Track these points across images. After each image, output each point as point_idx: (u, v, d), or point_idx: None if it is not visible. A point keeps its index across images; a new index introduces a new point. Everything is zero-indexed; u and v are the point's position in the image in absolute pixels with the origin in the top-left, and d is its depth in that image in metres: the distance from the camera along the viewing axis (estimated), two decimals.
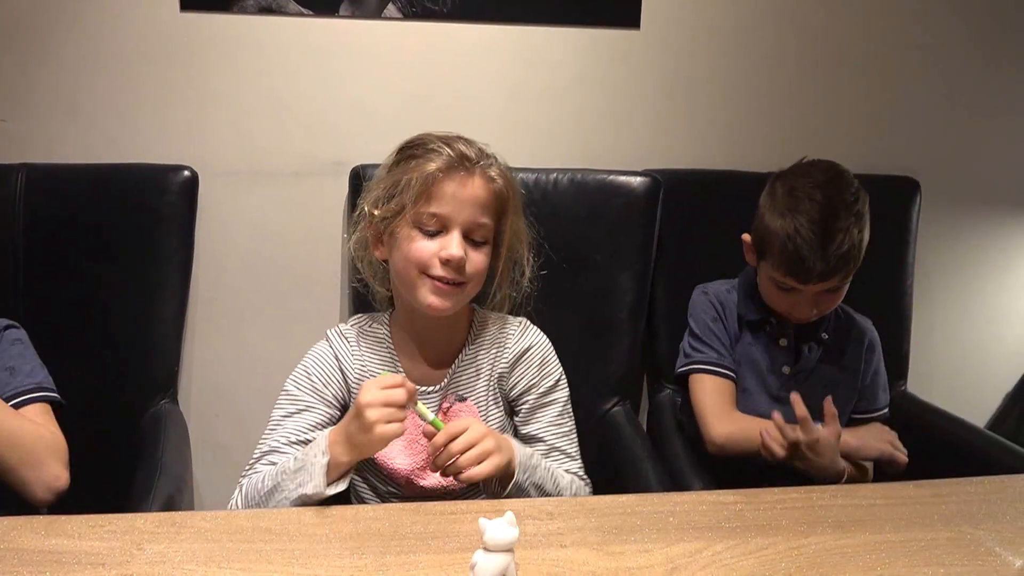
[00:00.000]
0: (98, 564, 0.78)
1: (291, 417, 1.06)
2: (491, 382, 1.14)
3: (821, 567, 0.82)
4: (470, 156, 1.06)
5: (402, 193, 1.05)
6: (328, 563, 0.80)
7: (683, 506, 0.94)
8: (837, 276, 1.25)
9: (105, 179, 1.49)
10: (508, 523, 0.76)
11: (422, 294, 1.06)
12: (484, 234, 1.08)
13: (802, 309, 1.29)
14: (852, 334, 1.40)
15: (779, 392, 1.36)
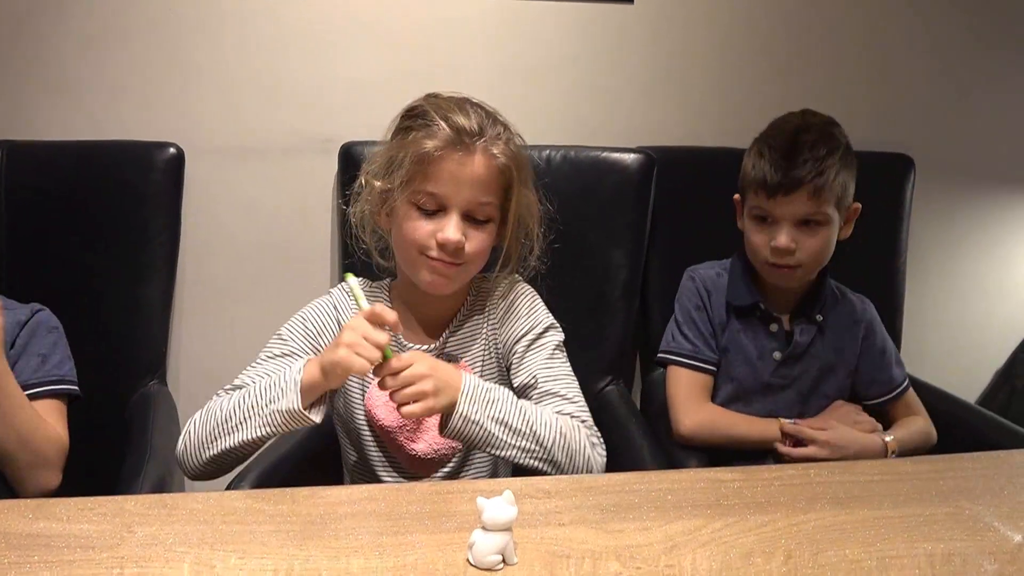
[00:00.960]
0: (88, 547, 0.77)
1: (274, 359, 1.05)
2: (487, 344, 1.12)
3: (820, 543, 0.81)
4: (471, 131, 1.01)
5: (399, 169, 1.02)
6: (323, 544, 0.79)
7: (681, 484, 0.94)
8: (805, 190, 1.22)
9: (88, 157, 1.47)
10: (507, 502, 0.75)
11: (421, 274, 1.05)
12: (488, 212, 1.04)
13: (780, 239, 1.25)
14: (848, 315, 1.38)
15: (770, 379, 1.35)
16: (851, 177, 1.27)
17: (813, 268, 1.30)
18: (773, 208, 1.26)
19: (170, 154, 1.47)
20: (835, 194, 1.24)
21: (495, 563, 0.75)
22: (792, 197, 1.24)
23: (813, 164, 1.22)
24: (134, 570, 0.74)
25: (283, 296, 1.61)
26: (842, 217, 1.29)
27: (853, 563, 0.78)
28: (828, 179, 1.22)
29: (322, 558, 0.76)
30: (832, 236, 1.28)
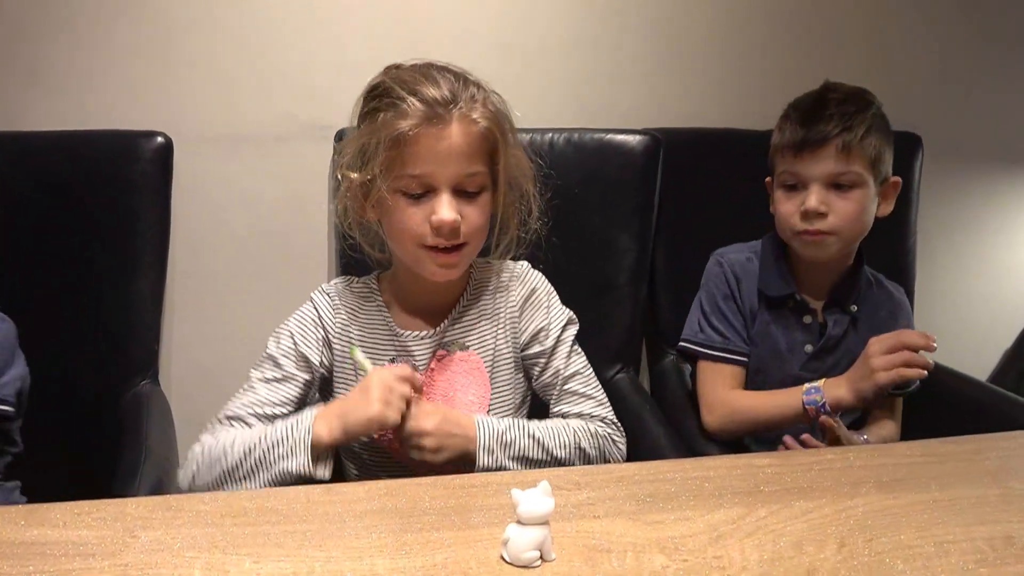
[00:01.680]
0: (87, 555, 0.71)
1: (268, 384, 1.01)
2: (498, 329, 1.07)
3: (872, 529, 0.77)
4: (443, 100, 0.94)
5: (374, 157, 0.95)
6: (344, 544, 0.73)
7: (717, 471, 0.89)
8: (833, 145, 1.17)
9: (71, 148, 1.40)
10: (544, 493, 0.70)
11: (424, 267, 1.00)
12: (478, 182, 0.98)
13: (809, 200, 1.18)
14: (884, 304, 1.32)
15: (800, 372, 1.28)
16: (886, 144, 1.22)
17: (848, 238, 1.23)
18: (801, 169, 1.20)
19: (158, 144, 1.40)
20: (867, 155, 1.18)
21: (532, 560, 0.70)
22: (819, 154, 1.18)
23: (840, 119, 1.17)
24: None
25: (280, 290, 1.54)
26: (878, 186, 1.22)
27: (910, 549, 0.73)
28: (857, 135, 1.17)
29: (344, 559, 0.71)
30: (867, 203, 1.21)
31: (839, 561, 0.71)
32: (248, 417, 0.98)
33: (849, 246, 1.25)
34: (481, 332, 1.06)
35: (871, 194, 1.21)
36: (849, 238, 1.23)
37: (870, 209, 1.22)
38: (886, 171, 1.23)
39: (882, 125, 1.22)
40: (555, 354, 1.07)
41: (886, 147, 1.22)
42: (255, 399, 0.99)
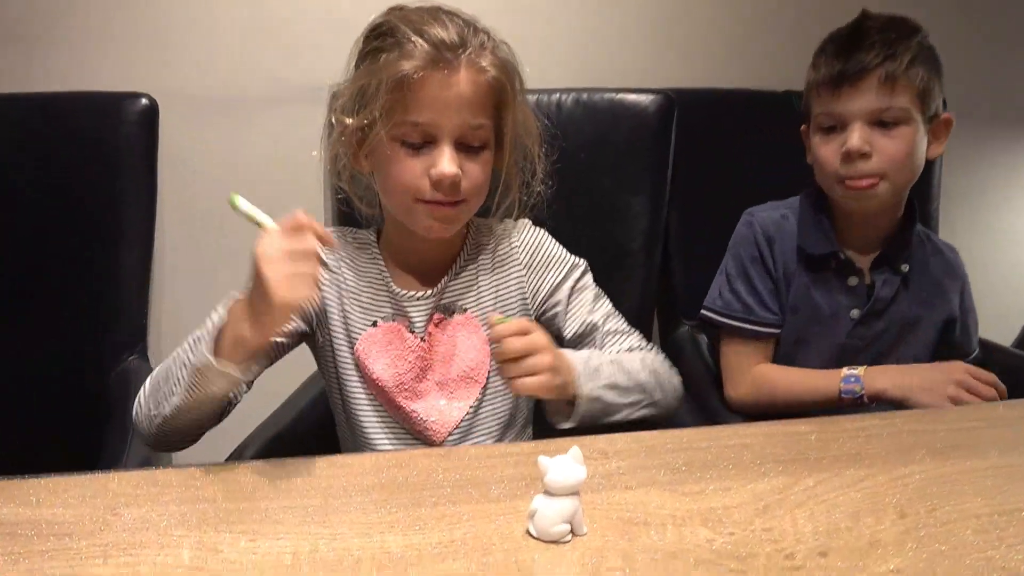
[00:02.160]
0: (63, 535, 0.63)
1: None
2: (499, 289, 0.99)
3: (934, 498, 0.70)
4: (451, 43, 0.87)
5: (373, 100, 0.87)
6: (351, 519, 0.66)
7: (755, 438, 0.82)
8: (875, 76, 1.04)
9: (50, 110, 1.33)
10: (574, 460, 0.63)
11: (418, 221, 0.92)
12: (482, 136, 0.91)
13: (851, 140, 1.06)
14: (938, 265, 1.19)
15: (845, 340, 1.15)
16: (935, 76, 1.08)
17: (898, 182, 1.09)
18: (840, 106, 1.08)
19: (142, 106, 1.33)
20: (914, 87, 1.05)
21: (562, 533, 0.62)
22: (860, 87, 1.05)
23: (882, 47, 1.05)
24: (122, 559, 0.60)
25: None
26: (927, 125, 1.09)
27: (978, 519, 0.66)
28: (901, 64, 1.04)
29: (351, 536, 0.63)
30: (917, 142, 1.07)
31: (902, 532, 0.64)
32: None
33: (899, 193, 1.12)
34: (479, 292, 0.99)
35: (920, 132, 1.08)
36: (898, 183, 1.09)
37: (920, 149, 1.08)
38: (936, 107, 1.09)
39: (930, 55, 1.09)
40: (578, 305, 1.00)
41: (935, 79, 1.08)
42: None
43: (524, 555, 0.61)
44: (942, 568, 0.60)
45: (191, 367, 0.77)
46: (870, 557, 0.61)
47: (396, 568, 0.59)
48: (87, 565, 0.59)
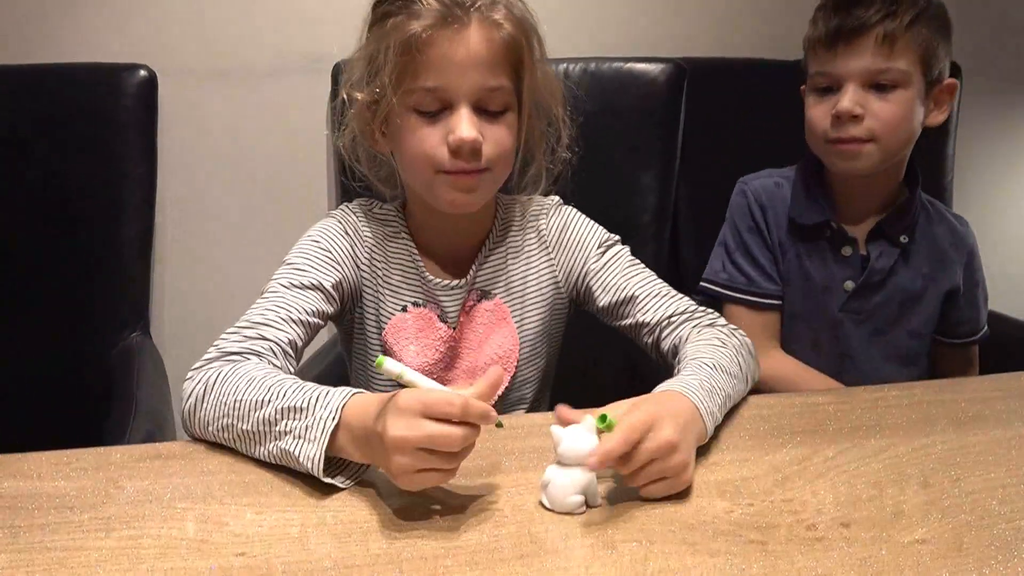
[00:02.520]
0: (65, 507, 0.62)
1: (292, 290, 0.83)
2: (528, 272, 0.95)
3: (958, 468, 0.68)
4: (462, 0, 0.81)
5: (382, 68, 0.82)
6: (359, 491, 0.64)
7: (772, 409, 0.80)
8: (872, 35, 0.99)
9: (49, 82, 1.31)
10: (588, 430, 0.61)
11: (440, 194, 0.86)
12: (502, 99, 0.84)
13: (842, 101, 1.00)
14: (944, 236, 1.13)
15: (838, 314, 1.10)
16: (940, 38, 1.02)
17: (889, 147, 1.03)
18: (835, 65, 1.02)
19: (141, 77, 1.30)
20: (915, 48, 1.00)
21: (576, 505, 0.61)
22: (856, 45, 1.00)
23: (884, 3, 0.99)
24: (125, 532, 0.59)
25: (275, 234, 1.44)
26: (929, 90, 1.03)
27: (1004, 488, 0.65)
28: (902, 23, 0.98)
29: (359, 509, 0.62)
30: (912, 107, 1.01)
31: (927, 502, 0.63)
32: (279, 323, 0.80)
33: (890, 159, 1.05)
34: (509, 277, 0.94)
35: (917, 96, 1.02)
36: (890, 148, 1.03)
37: (916, 115, 1.03)
38: (939, 71, 1.03)
39: (937, 14, 1.03)
40: (612, 275, 0.93)
41: (940, 41, 1.02)
42: (283, 304, 0.82)
43: (537, 527, 0.59)
44: (969, 538, 0.58)
45: (290, 454, 0.65)
46: (894, 528, 0.59)
47: (407, 540, 0.58)
48: (89, 538, 0.58)
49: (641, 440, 0.62)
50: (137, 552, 0.56)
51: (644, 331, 0.91)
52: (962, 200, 1.64)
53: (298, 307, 0.82)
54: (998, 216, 1.75)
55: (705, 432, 0.70)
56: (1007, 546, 0.57)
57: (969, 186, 1.69)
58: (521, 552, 0.56)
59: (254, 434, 0.68)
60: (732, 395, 0.77)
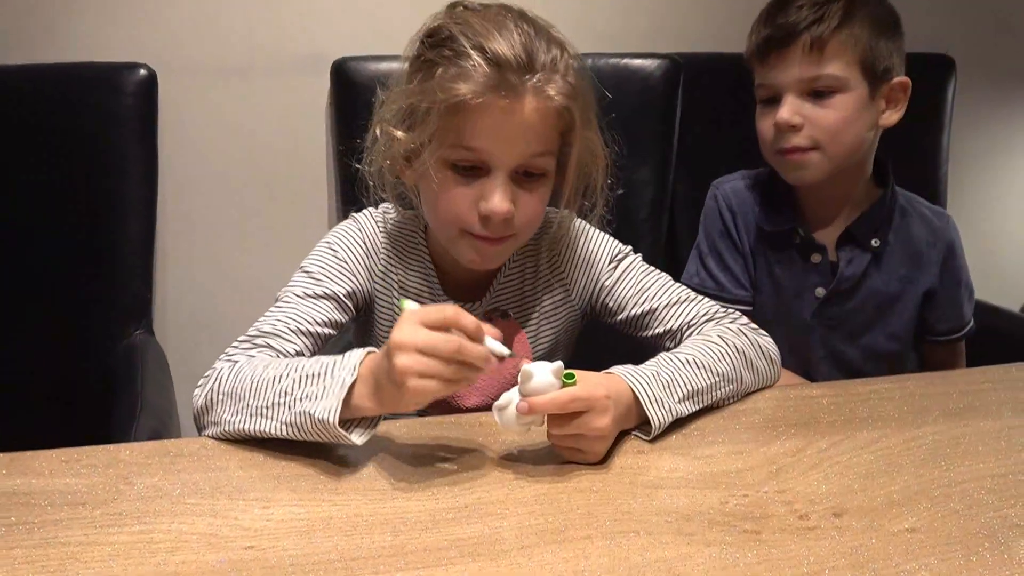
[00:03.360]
0: (76, 504, 0.63)
1: (306, 300, 0.84)
2: (539, 290, 0.94)
3: (949, 457, 0.70)
4: (517, 64, 0.76)
5: (424, 122, 0.78)
6: (365, 486, 0.66)
7: (767, 402, 0.82)
8: (801, 42, 0.98)
9: (49, 81, 1.31)
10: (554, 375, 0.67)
11: (462, 252, 0.85)
12: (543, 165, 0.81)
13: (780, 111, 1.00)
14: (920, 235, 1.10)
15: (812, 321, 1.09)
16: (881, 37, 0.99)
17: (836, 153, 1.01)
18: (770, 76, 1.01)
19: (141, 76, 1.31)
20: (847, 51, 0.97)
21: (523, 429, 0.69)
22: (785, 55, 0.99)
23: (811, 9, 0.97)
24: (136, 528, 0.60)
25: (276, 232, 1.46)
26: (876, 90, 1.01)
27: (994, 478, 0.66)
28: (829, 27, 0.96)
29: (364, 503, 0.63)
30: (855, 111, 0.99)
31: (917, 492, 0.64)
32: (287, 334, 0.81)
33: (841, 164, 1.03)
34: (523, 295, 0.94)
35: (860, 99, 1.00)
36: (836, 154, 1.01)
37: (861, 118, 1.01)
38: (885, 70, 1.01)
39: (874, 13, 1.00)
40: (626, 289, 0.91)
41: (881, 40, 1.00)
42: (294, 315, 0.82)
43: (538, 519, 0.61)
44: (957, 527, 0.60)
45: (306, 414, 0.68)
46: (885, 517, 0.61)
47: (410, 533, 0.59)
48: (102, 533, 0.59)
49: (579, 415, 0.67)
50: (149, 546, 0.58)
51: (666, 338, 0.90)
52: (956, 193, 1.66)
53: (309, 318, 0.83)
54: (992, 209, 1.77)
55: (649, 421, 0.72)
56: (994, 534, 0.59)
57: (964, 179, 1.70)
58: (522, 543, 0.58)
59: (269, 407, 0.70)
60: (704, 390, 0.78)
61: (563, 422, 0.68)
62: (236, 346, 0.80)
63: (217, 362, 0.78)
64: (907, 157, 1.55)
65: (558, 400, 0.66)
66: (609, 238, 0.94)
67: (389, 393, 0.65)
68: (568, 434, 0.68)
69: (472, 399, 0.91)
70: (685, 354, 0.80)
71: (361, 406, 0.67)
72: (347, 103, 1.37)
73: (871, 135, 1.04)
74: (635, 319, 0.91)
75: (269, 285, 0.98)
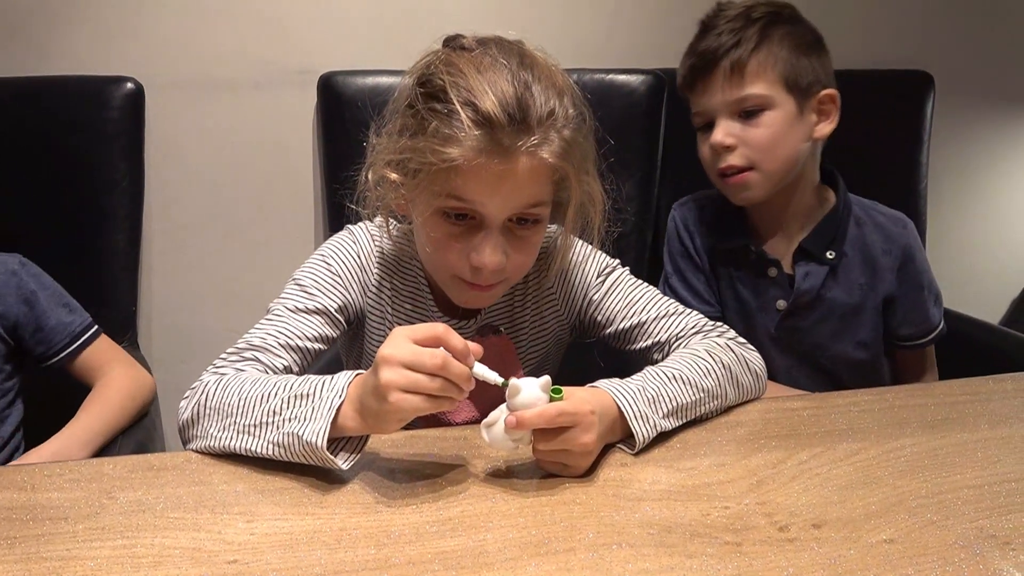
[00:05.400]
0: (59, 518, 0.63)
1: (297, 315, 0.84)
2: (528, 307, 0.94)
3: (926, 469, 0.70)
4: (509, 123, 0.73)
5: (416, 175, 0.77)
6: (349, 500, 0.66)
7: (749, 415, 0.82)
8: (722, 68, 1.01)
9: (35, 95, 1.31)
10: (542, 389, 0.67)
11: (453, 293, 0.85)
12: (538, 212, 0.80)
13: (714, 134, 1.02)
14: (876, 242, 1.10)
15: (777, 333, 1.10)
16: (800, 54, 1.02)
17: (773, 170, 1.03)
18: (700, 103, 1.04)
19: (128, 90, 1.32)
20: (768, 70, 1.00)
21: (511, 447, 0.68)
22: (709, 81, 1.02)
23: (729, 35, 1.01)
24: (119, 542, 0.60)
25: (263, 245, 1.46)
26: (804, 104, 1.03)
27: (972, 489, 0.67)
28: (746, 50, 1.00)
29: (348, 516, 0.64)
30: (785, 127, 1.02)
31: (895, 503, 0.65)
32: (276, 348, 0.80)
33: (781, 180, 1.05)
34: (514, 312, 0.94)
35: (789, 115, 1.02)
36: (773, 170, 1.03)
37: (792, 132, 1.03)
38: (810, 85, 1.03)
39: (792, 31, 1.03)
40: (614, 302, 0.92)
41: (802, 57, 1.02)
42: (284, 329, 0.82)
43: (521, 532, 0.61)
44: (934, 537, 0.60)
45: (294, 435, 0.68)
46: (863, 528, 0.62)
47: (394, 546, 0.59)
48: (84, 548, 0.59)
49: (564, 430, 0.67)
50: (132, 561, 0.58)
51: (654, 351, 0.91)
52: (935, 207, 1.68)
53: (300, 333, 0.83)
54: (971, 223, 1.79)
55: (633, 435, 0.72)
56: (970, 545, 0.59)
57: (943, 194, 1.73)
58: (506, 556, 0.58)
59: (257, 426, 0.70)
60: (689, 405, 0.78)
61: (549, 437, 0.68)
62: (224, 358, 0.80)
63: (204, 374, 0.78)
64: (886, 172, 1.59)
65: (546, 414, 0.66)
66: (597, 252, 0.94)
67: (373, 410, 0.65)
68: (554, 449, 0.68)
69: (462, 414, 0.92)
70: (671, 369, 0.80)
71: (346, 426, 0.68)
72: (334, 117, 1.37)
73: (806, 147, 1.06)
74: (623, 332, 0.92)
75: (254, 299, 0.99)
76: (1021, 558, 0.58)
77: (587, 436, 0.68)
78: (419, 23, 1.40)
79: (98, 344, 1.08)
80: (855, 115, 1.62)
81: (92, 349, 1.07)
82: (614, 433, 0.73)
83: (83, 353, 1.07)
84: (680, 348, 0.88)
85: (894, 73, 1.60)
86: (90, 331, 1.08)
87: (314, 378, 0.71)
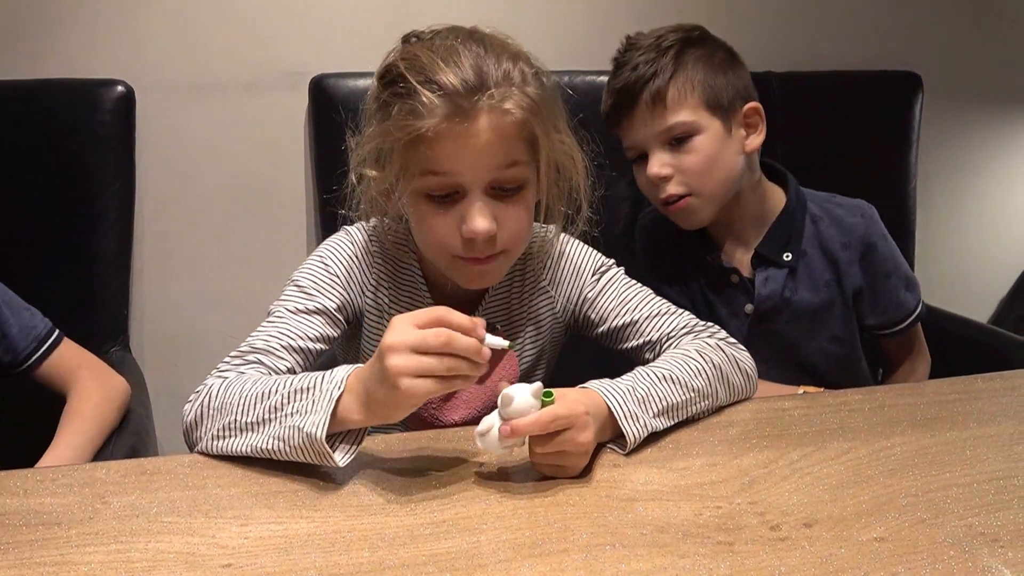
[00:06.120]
0: (52, 523, 0.63)
1: (298, 315, 0.85)
2: (525, 304, 0.94)
3: (917, 467, 0.71)
4: (465, 87, 0.76)
5: (390, 159, 0.80)
6: (343, 502, 0.66)
7: (740, 415, 0.83)
8: (643, 101, 1.01)
9: (25, 98, 1.32)
10: (534, 395, 0.68)
11: (456, 275, 0.86)
12: (518, 176, 0.81)
13: (650, 167, 1.02)
14: (833, 239, 1.10)
15: (748, 336, 1.08)
16: (719, 72, 1.03)
17: (712, 193, 1.04)
18: (629, 138, 1.05)
19: (118, 93, 1.32)
20: (690, 96, 1.01)
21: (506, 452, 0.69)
22: (634, 114, 1.03)
23: (645, 66, 1.02)
24: (112, 547, 0.60)
25: (254, 248, 1.46)
26: (730, 122, 1.04)
27: (961, 487, 0.68)
28: (664, 79, 1.01)
29: (343, 519, 0.64)
30: (717, 147, 1.03)
31: (885, 502, 0.66)
32: (279, 350, 0.81)
33: (723, 199, 1.06)
34: (511, 309, 0.95)
35: (717, 136, 1.03)
36: (713, 192, 1.04)
37: (725, 151, 1.04)
38: (731, 102, 1.04)
39: (706, 53, 1.04)
40: (608, 301, 0.93)
41: (718, 76, 1.03)
42: (285, 330, 0.83)
43: (515, 533, 0.62)
44: (924, 536, 0.61)
45: (294, 428, 0.68)
46: (854, 527, 0.62)
47: (388, 549, 0.60)
48: (78, 553, 0.59)
49: (561, 432, 0.68)
50: (126, 565, 0.58)
51: (646, 350, 0.91)
52: (924, 209, 1.69)
53: (301, 334, 0.83)
54: (960, 223, 1.81)
55: (624, 435, 0.73)
56: (959, 543, 0.60)
57: (931, 195, 1.74)
58: (499, 558, 0.59)
59: (257, 423, 0.71)
60: (679, 405, 0.78)
61: (545, 440, 0.68)
62: (228, 362, 0.80)
63: (208, 378, 0.79)
64: (875, 172, 1.61)
65: (540, 421, 0.67)
66: (593, 251, 0.95)
67: (381, 399, 0.66)
68: (551, 451, 0.69)
69: (457, 413, 0.92)
70: (662, 369, 0.81)
71: (348, 419, 0.68)
72: (325, 119, 1.37)
73: (740, 162, 1.06)
74: (616, 331, 0.92)
75: (246, 301, 0.99)
76: (1010, 555, 0.58)
77: (583, 435, 0.69)
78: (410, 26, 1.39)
79: (64, 348, 1.04)
80: (844, 116, 1.65)
81: (59, 353, 1.03)
82: (605, 432, 0.74)
83: (51, 357, 1.02)
84: (671, 348, 0.89)
85: (883, 74, 1.61)
86: (54, 334, 1.04)
87: (313, 373, 0.71)
